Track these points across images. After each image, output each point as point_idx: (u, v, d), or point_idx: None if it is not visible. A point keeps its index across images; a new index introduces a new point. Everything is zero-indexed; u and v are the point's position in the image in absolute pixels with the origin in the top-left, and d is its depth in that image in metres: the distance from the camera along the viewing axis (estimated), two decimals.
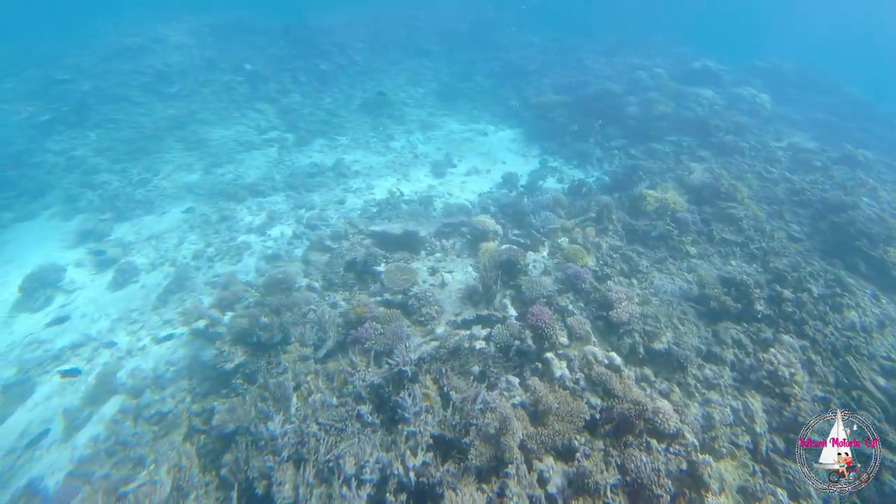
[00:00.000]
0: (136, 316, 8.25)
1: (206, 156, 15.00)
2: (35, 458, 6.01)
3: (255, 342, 6.11)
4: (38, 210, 13.07)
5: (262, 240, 10.32)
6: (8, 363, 7.70)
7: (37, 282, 9.01)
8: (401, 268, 6.73)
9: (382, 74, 22.22)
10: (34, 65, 22.43)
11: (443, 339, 5.62)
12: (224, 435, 5.03)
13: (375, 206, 11.39)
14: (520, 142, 16.77)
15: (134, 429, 5.88)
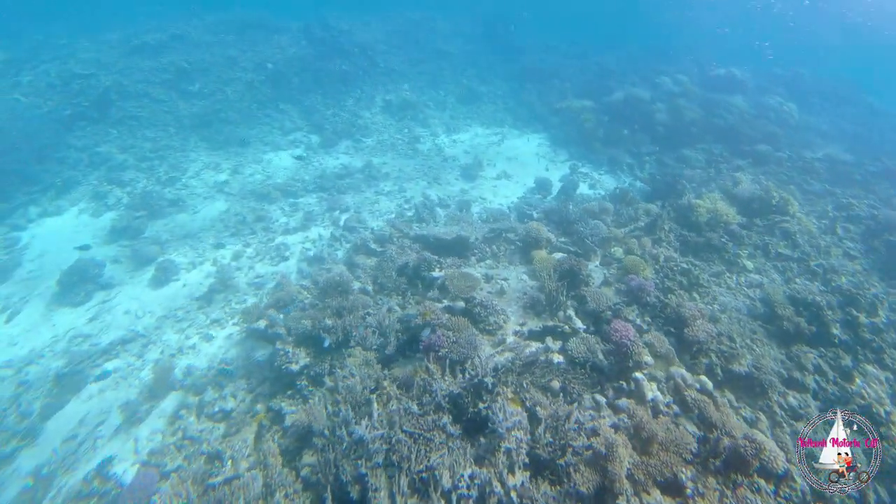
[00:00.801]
0: (182, 314, 8.15)
1: (233, 155, 14.91)
2: (97, 446, 6.01)
3: (318, 344, 5.98)
4: (65, 206, 12.95)
5: (299, 241, 10.21)
6: (55, 355, 7.63)
7: (76, 276, 8.90)
8: (464, 275, 6.60)
9: (403, 77, 22.15)
10: (50, 59, 22.30)
11: (515, 349, 5.50)
12: (300, 435, 4.98)
13: (411, 208, 11.29)
14: (546, 146, 16.70)
15: (198, 425, 5.81)
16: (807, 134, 17.43)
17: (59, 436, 6.26)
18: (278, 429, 5.27)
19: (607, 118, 17.60)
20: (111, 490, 5.26)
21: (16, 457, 6.08)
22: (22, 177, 14.06)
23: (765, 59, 28.70)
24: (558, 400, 4.74)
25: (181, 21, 24.05)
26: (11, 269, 10.23)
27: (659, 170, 14.62)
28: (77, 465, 5.75)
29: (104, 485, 5.32)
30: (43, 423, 6.41)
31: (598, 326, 6.10)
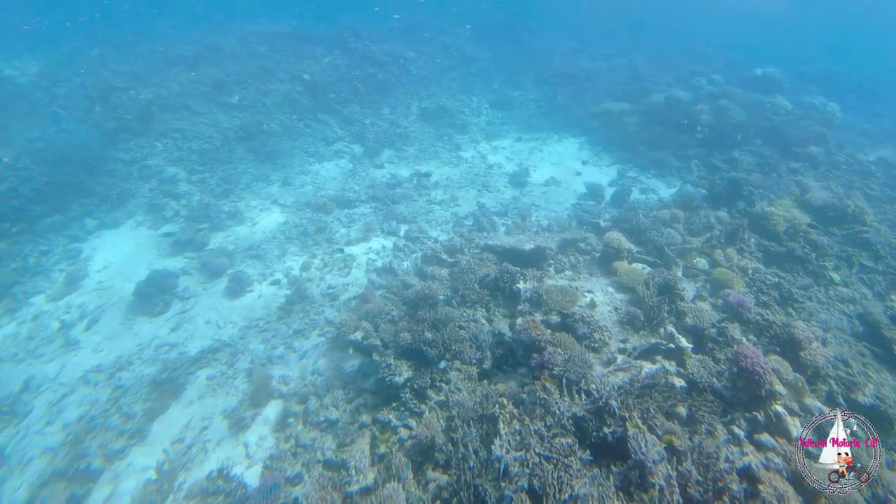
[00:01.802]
0: (263, 325, 8.28)
1: (280, 167, 15.10)
2: (208, 449, 6.20)
3: (418, 357, 6.02)
4: (121, 218, 13.21)
5: (363, 252, 10.29)
6: (144, 362, 7.83)
7: (153, 287, 9.08)
8: (561, 289, 6.53)
9: (435, 84, 22.28)
10: (84, 71, 22.82)
11: (629, 370, 5.43)
12: (421, 450, 5.03)
13: (466, 217, 11.33)
14: (587, 150, 16.67)
15: (308, 433, 5.92)
16: (850, 133, 17.17)
17: (166, 437, 6.47)
18: (394, 441, 5.30)
19: (650, 121, 17.52)
20: (235, 489, 5.43)
21: (127, 453, 6.33)
22: (76, 189, 14.37)
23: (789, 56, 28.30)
24: (696, 431, 4.51)
25: (213, 33, 24.53)
26: (79, 280, 10.47)
27: (709, 173, 14.49)
28: (192, 466, 5.95)
29: (228, 484, 5.49)
30: (149, 425, 6.62)
31: (700, 345, 5.96)
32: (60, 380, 7.84)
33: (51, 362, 8.29)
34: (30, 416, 7.25)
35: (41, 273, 11.04)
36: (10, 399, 7.61)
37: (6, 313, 9.76)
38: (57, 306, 9.77)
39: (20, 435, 6.95)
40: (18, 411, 7.33)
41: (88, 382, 7.62)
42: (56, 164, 14.64)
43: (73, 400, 7.36)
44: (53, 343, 8.73)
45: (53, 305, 9.80)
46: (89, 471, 5.93)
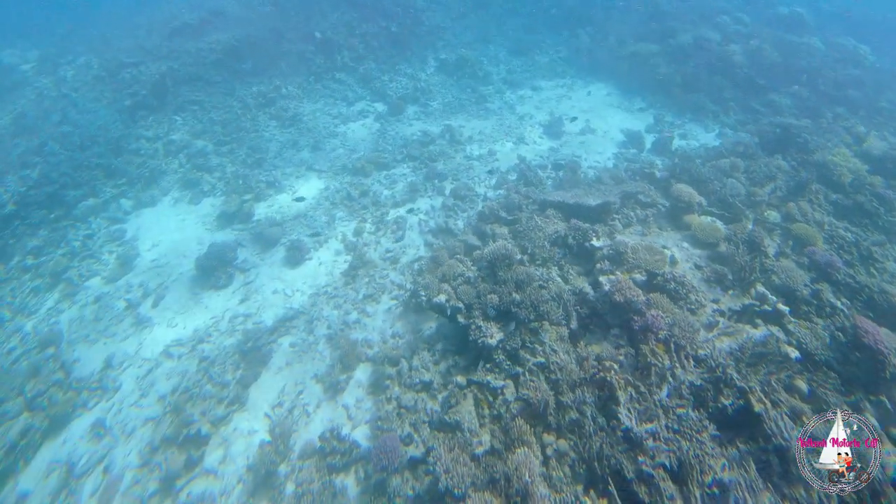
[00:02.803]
0: (331, 291, 8.44)
1: (306, 131, 14.78)
2: (309, 412, 6.50)
3: (506, 318, 6.06)
4: (157, 196, 13.18)
5: (411, 213, 10.24)
6: (222, 333, 8.07)
7: (215, 260, 9.18)
8: (648, 246, 6.40)
9: (450, 33, 21.30)
10: (85, 51, 22.09)
11: (734, 335, 5.26)
12: (532, 414, 5.05)
13: (509, 172, 11.15)
14: (617, 95, 16.09)
15: (405, 394, 6.13)
16: (884, 77, 16.37)
17: (265, 402, 6.78)
18: (500, 403, 5.40)
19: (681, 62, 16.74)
20: (350, 448, 5.76)
21: (231, 418, 6.67)
22: (106, 170, 14.26)
23: None
24: (821, 411, 4.14)
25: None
26: (132, 260, 10.61)
27: (747, 116, 14.01)
28: (298, 427, 6.26)
29: (342, 444, 5.81)
30: (245, 392, 6.92)
31: (794, 307, 5.68)
32: (142, 355, 8.13)
33: (126, 340, 8.56)
34: (120, 391, 7.58)
35: (90, 256, 11.18)
36: (96, 376, 7.95)
37: (65, 298, 10.00)
38: (116, 287, 9.95)
39: (115, 408, 7.31)
40: (108, 387, 7.67)
41: (172, 356, 7.90)
42: (84, 147, 14.48)
43: (162, 373, 7.65)
44: (124, 322, 8.97)
45: (112, 286, 9.99)
46: (200, 436, 6.27)
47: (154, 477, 6.13)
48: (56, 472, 6.51)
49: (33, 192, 12.98)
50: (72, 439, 6.94)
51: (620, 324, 5.64)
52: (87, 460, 6.56)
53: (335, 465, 5.70)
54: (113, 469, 6.38)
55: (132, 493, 6.01)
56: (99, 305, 9.55)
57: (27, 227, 12.37)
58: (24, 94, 19.48)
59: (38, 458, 6.77)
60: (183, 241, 10.83)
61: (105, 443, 6.79)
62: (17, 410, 7.45)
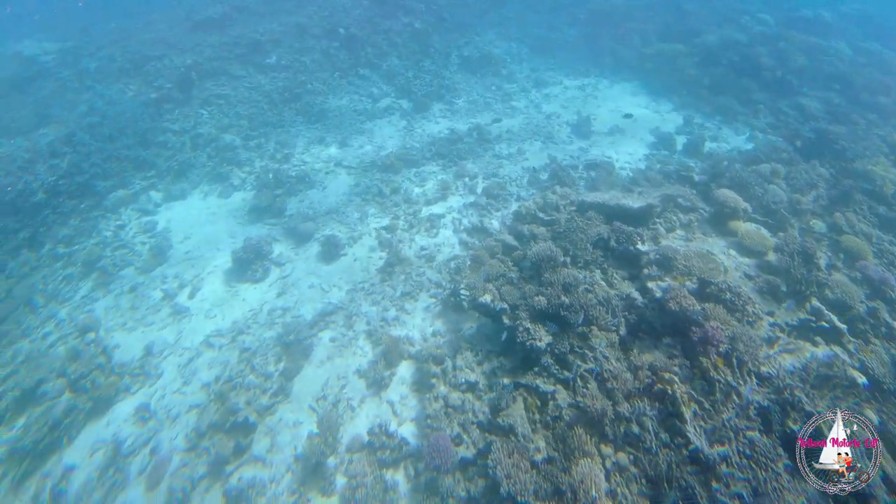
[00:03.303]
0: (368, 287, 8.47)
1: (332, 127, 14.85)
2: (354, 406, 6.55)
3: (553, 321, 5.95)
4: (187, 189, 13.30)
5: (444, 211, 10.28)
6: (262, 326, 8.16)
7: (251, 253, 9.27)
8: (700, 253, 6.22)
9: (471, 31, 21.25)
10: (107, 43, 22.21)
11: (795, 352, 5.08)
12: (587, 422, 4.96)
13: (539, 171, 11.15)
14: (643, 95, 16.00)
15: (452, 394, 6.15)
16: None
17: (308, 395, 6.84)
18: (552, 409, 5.29)
19: (707, 63, 16.63)
20: (400, 445, 5.81)
21: (276, 409, 6.75)
22: (135, 162, 14.40)
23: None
24: None
25: None
26: (165, 251, 10.73)
27: (777, 120, 13.90)
28: (344, 421, 6.31)
29: (391, 440, 5.86)
30: (289, 384, 6.99)
31: (849, 324, 5.51)
32: (182, 344, 8.25)
33: (165, 329, 8.68)
34: (163, 378, 7.71)
35: (122, 247, 11.31)
36: (137, 363, 8.08)
37: (99, 287, 10.13)
38: (151, 277, 10.08)
39: (158, 394, 7.44)
40: (150, 373, 7.80)
41: (213, 346, 8.01)
42: (113, 139, 14.62)
43: (203, 362, 7.77)
44: (161, 311, 9.10)
45: (147, 277, 10.11)
46: (247, 424, 6.36)
47: (202, 461, 6.24)
48: (102, 451, 6.68)
49: (63, 182, 13.11)
50: (115, 421, 7.10)
51: (673, 333, 5.50)
52: (134, 441, 6.72)
53: (385, 460, 5.72)
54: (160, 451, 6.52)
55: (181, 474, 6.12)
56: (135, 295, 9.67)
57: (57, 216, 12.49)
58: (46, 86, 19.61)
59: (81, 437, 6.95)
60: (215, 234, 10.94)
61: (150, 426, 6.93)
62: (58, 391, 7.63)
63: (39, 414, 7.21)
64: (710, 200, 7.73)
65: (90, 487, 6.22)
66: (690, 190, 8.15)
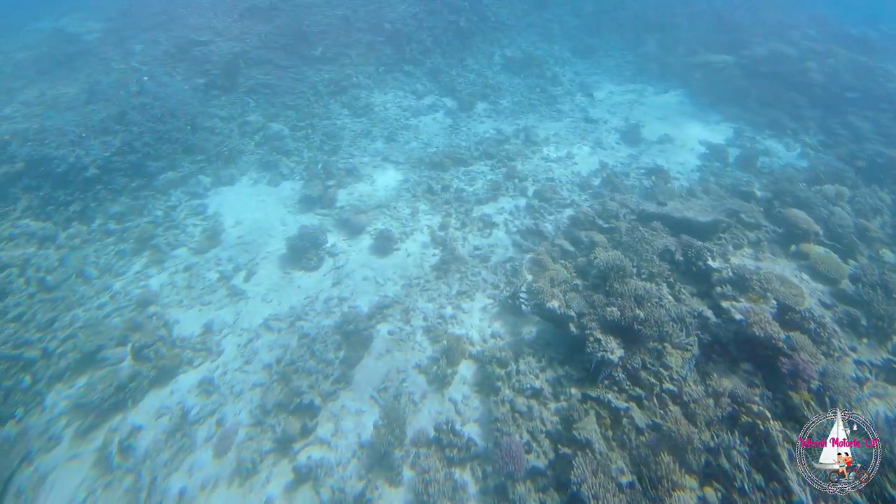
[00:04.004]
0: (423, 283, 8.54)
1: (378, 122, 14.98)
2: (416, 401, 6.60)
3: (624, 334, 5.75)
4: (236, 175, 13.54)
5: (495, 211, 10.32)
6: (319, 314, 8.30)
7: (307, 242, 9.43)
8: (781, 277, 6.05)
9: (513, 31, 21.22)
10: (150, 26, 22.54)
11: (884, 396, 4.91)
12: (669, 446, 4.77)
13: (591, 176, 11.13)
14: (689, 104, 15.83)
15: (517, 399, 6.13)
16: None
17: (369, 385, 6.95)
18: (629, 428, 5.16)
19: (755, 75, 16.39)
20: (467, 445, 5.83)
21: (338, 395, 6.88)
22: (184, 146, 14.67)
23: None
24: None
25: None
26: (218, 234, 10.95)
27: (828, 137, 13.67)
28: (406, 416, 6.35)
29: (458, 438, 5.88)
30: (350, 372, 7.10)
31: None
32: (240, 325, 8.44)
33: (222, 309, 8.88)
34: (223, 355, 7.91)
35: (174, 227, 11.57)
36: (197, 339, 8.31)
37: (154, 264, 10.39)
38: (205, 259, 10.30)
39: (220, 370, 7.64)
40: (211, 349, 8.02)
41: (271, 329, 8.19)
42: (164, 120, 14.88)
43: (263, 344, 7.95)
44: (217, 292, 9.30)
45: (201, 258, 10.33)
46: (312, 406, 6.49)
47: (268, 437, 6.40)
48: (167, 416, 6.94)
49: (116, 159, 13.34)
50: (179, 391, 7.35)
51: (752, 359, 5.34)
52: (199, 411, 6.95)
53: (453, 458, 5.73)
54: (225, 422, 6.71)
55: (248, 446, 6.29)
56: (190, 274, 9.89)
57: (109, 192, 12.71)
58: (90, 64, 19.89)
59: (145, 402, 7.23)
60: (266, 221, 11.15)
61: (214, 399, 7.14)
62: (118, 357, 7.96)
63: (102, 376, 7.56)
64: (777, 219, 7.61)
65: (158, 447, 6.50)
66: (757, 207, 8.02)
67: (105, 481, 6.25)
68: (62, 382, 7.78)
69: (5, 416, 7.15)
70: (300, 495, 5.74)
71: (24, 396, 7.52)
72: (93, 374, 7.73)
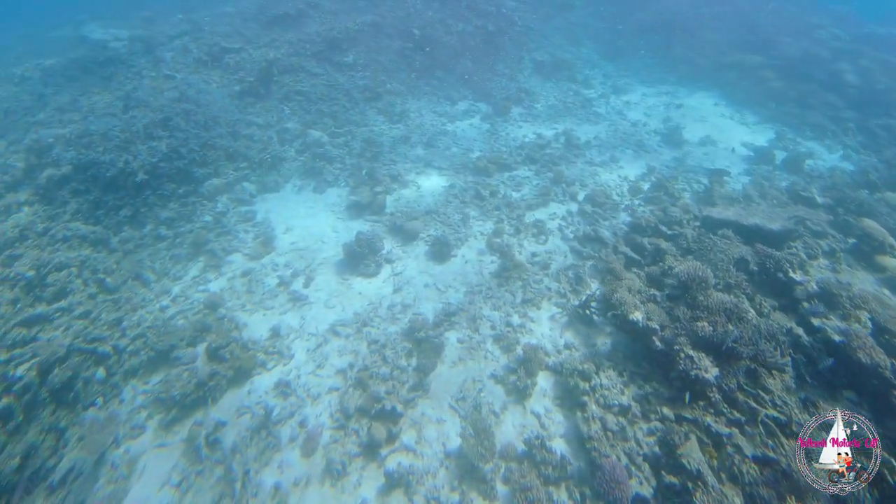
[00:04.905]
0: (485, 290, 8.58)
1: (415, 128, 15.15)
2: (497, 411, 6.61)
3: (715, 352, 5.46)
4: (279, 182, 13.73)
5: (547, 217, 10.42)
6: (384, 320, 8.37)
7: (365, 248, 9.52)
8: (877, 297, 5.77)
9: (540, 34, 21.33)
10: (177, 34, 22.84)
11: None
12: (790, 488, 4.45)
13: (639, 180, 11.21)
14: (725, 106, 15.85)
15: (607, 416, 5.98)
16: None
17: (446, 394, 7.01)
18: (740, 461, 4.87)
19: (789, 76, 16.39)
20: (562, 463, 5.64)
21: (416, 403, 6.95)
22: (226, 152, 14.89)
23: None
24: None
25: None
26: (271, 240, 11.11)
27: (869, 140, 13.63)
28: (490, 425, 6.36)
29: (551, 455, 5.72)
30: (425, 379, 7.17)
31: None
32: (307, 329, 8.56)
33: (286, 314, 9.01)
34: (295, 359, 8.02)
35: (226, 233, 11.74)
36: (266, 342, 8.46)
37: (211, 269, 10.55)
38: (262, 264, 10.46)
39: (294, 373, 7.75)
40: (283, 353, 8.15)
41: (339, 334, 8.33)
42: (207, 127, 15.11)
43: (332, 349, 8.07)
44: (279, 297, 9.45)
45: (257, 263, 10.49)
46: (395, 413, 6.57)
47: (352, 440, 6.51)
48: (248, 415, 7.10)
49: (164, 165, 13.43)
50: (256, 392, 7.51)
51: (853, 386, 5.09)
52: (280, 412, 7.10)
53: (549, 476, 5.54)
54: (307, 424, 6.85)
55: (334, 448, 6.41)
56: (249, 279, 10.01)
57: (158, 199, 12.81)
58: (121, 71, 20.05)
59: (224, 400, 7.42)
60: (318, 228, 11.33)
61: (292, 401, 7.28)
62: (190, 357, 8.17)
63: (178, 374, 7.80)
64: (844, 227, 7.57)
65: (245, 442, 6.68)
66: (826, 215, 7.92)
67: (197, 469, 6.49)
68: (136, 378, 8.07)
69: (87, 404, 7.57)
70: (394, 500, 5.85)
71: (102, 388, 7.87)
72: (168, 372, 7.97)
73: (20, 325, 8.57)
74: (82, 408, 7.62)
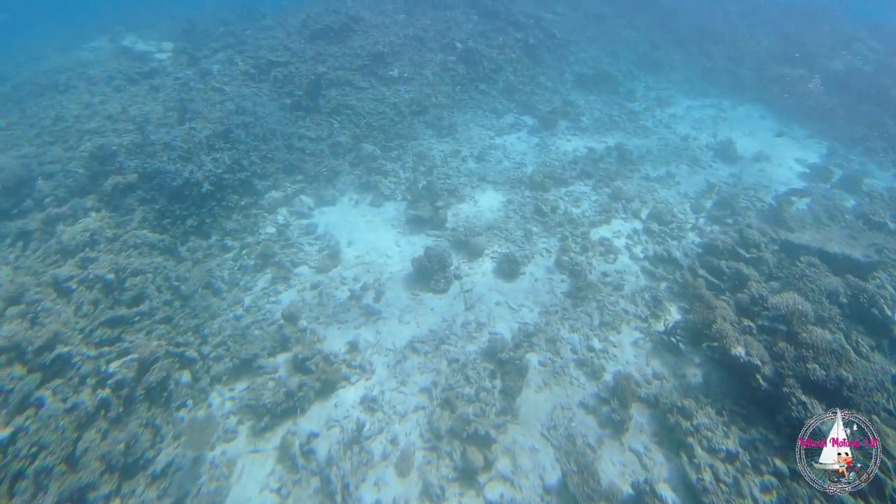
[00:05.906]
0: (560, 311, 8.66)
1: (464, 141, 15.45)
2: (592, 446, 6.55)
3: (826, 397, 5.18)
4: (336, 196, 14.11)
5: (611, 235, 10.55)
6: (459, 338, 8.50)
7: (436, 263, 9.68)
8: None
9: (577, 46, 21.54)
10: (221, 47, 23.41)
11: None
12: None
13: (698, 197, 11.31)
14: (772, 120, 15.85)
15: (717, 465, 5.72)
16: None
17: (536, 420, 7.02)
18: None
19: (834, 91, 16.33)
20: None
21: (506, 428, 7.00)
22: (283, 165, 15.33)
23: None
24: None
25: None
26: (336, 254, 11.39)
27: None
28: (591, 462, 6.16)
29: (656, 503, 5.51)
30: (512, 404, 7.22)
31: None
32: (384, 345, 8.74)
33: (361, 328, 9.18)
34: (376, 374, 8.19)
35: (291, 245, 12.03)
36: (345, 356, 8.61)
37: (280, 280, 10.69)
38: (329, 277, 10.71)
39: (378, 388, 7.90)
40: (366, 368, 8.29)
41: (417, 351, 8.54)
42: (266, 139, 15.58)
43: (412, 365, 8.23)
44: (351, 311, 9.64)
45: (325, 276, 10.74)
46: (488, 437, 6.60)
47: (446, 463, 6.57)
48: (337, 428, 7.26)
49: (227, 176, 13.79)
50: (343, 405, 7.66)
51: None
52: (370, 427, 7.25)
53: None
54: (398, 442, 6.98)
55: (429, 470, 6.49)
56: (319, 292, 10.21)
57: (222, 210, 13.10)
58: (167, 84, 20.54)
59: (312, 411, 7.60)
60: (380, 242, 11.60)
61: (380, 417, 7.42)
62: (273, 367, 8.51)
63: (263, 382, 8.15)
64: None
65: (338, 456, 6.84)
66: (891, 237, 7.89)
67: (294, 478, 6.69)
68: (221, 384, 8.36)
69: (178, 405, 7.95)
70: None
71: (190, 391, 8.21)
72: (252, 381, 8.25)
73: (105, 324, 8.92)
74: (175, 408, 7.96)
